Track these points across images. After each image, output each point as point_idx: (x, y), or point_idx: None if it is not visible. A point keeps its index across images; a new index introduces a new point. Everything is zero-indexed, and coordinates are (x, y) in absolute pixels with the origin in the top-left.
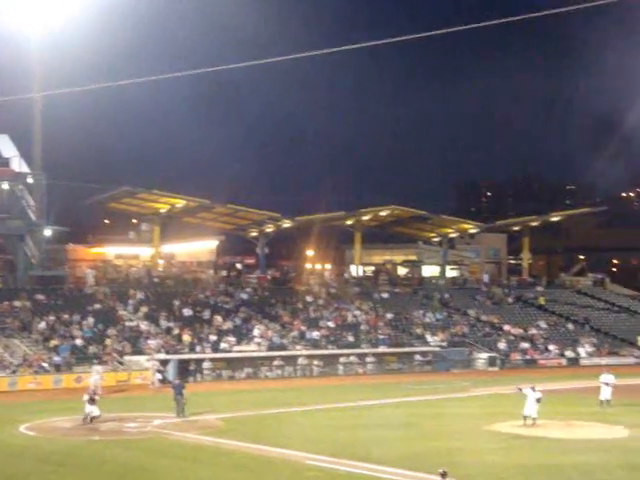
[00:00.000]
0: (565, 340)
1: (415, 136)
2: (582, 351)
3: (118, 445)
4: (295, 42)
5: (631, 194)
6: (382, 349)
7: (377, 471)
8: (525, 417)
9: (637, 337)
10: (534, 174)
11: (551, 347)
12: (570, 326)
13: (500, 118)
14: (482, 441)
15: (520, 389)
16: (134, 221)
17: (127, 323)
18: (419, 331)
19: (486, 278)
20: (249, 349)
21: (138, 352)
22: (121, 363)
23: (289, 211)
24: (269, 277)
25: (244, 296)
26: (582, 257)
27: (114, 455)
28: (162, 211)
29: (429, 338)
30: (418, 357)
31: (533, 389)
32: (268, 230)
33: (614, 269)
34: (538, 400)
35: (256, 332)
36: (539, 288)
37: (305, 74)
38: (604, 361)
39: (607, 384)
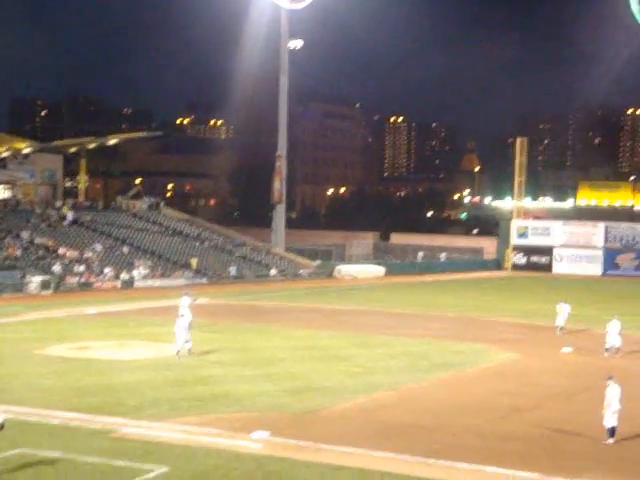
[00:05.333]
0: (120, 263)
1: None
2: (136, 273)
3: None
4: None
5: (186, 121)
6: None
7: None
8: (179, 350)
9: (190, 259)
10: (91, 95)
11: (106, 270)
12: (125, 249)
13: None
14: (34, 365)
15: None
16: None
17: None
18: None
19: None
20: None
21: None
22: None
23: None
24: None
25: None
26: (138, 181)
27: None
28: None
29: None
30: None
31: (183, 316)
32: None
33: (169, 193)
34: (189, 325)
35: None
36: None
37: None
38: (157, 283)
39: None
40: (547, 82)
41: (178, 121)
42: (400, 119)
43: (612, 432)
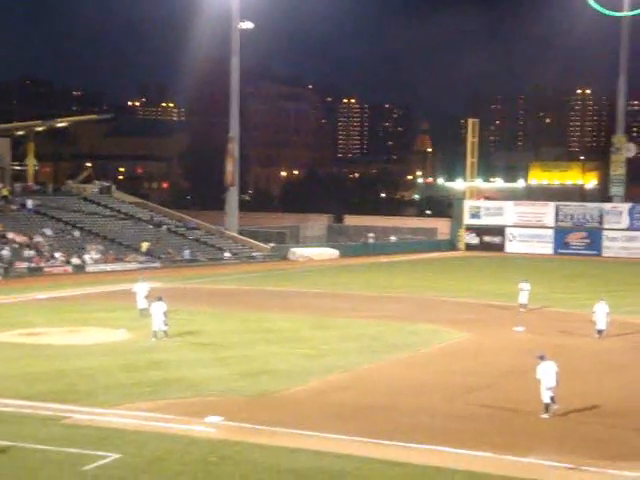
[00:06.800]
0: (71, 247)
1: None
2: (88, 258)
3: None
4: None
5: (137, 103)
6: None
7: None
8: (155, 332)
9: (141, 243)
10: (40, 77)
11: (57, 255)
12: (76, 233)
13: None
14: None
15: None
16: None
17: None
18: None
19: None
20: None
21: None
22: None
23: None
24: None
25: None
26: (89, 164)
27: None
28: None
29: None
30: None
31: (160, 299)
32: None
33: (120, 177)
34: (165, 313)
35: None
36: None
37: None
38: (109, 267)
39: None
40: (498, 63)
41: (129, 103)
42: (353, 100)
43: (547, 408)
